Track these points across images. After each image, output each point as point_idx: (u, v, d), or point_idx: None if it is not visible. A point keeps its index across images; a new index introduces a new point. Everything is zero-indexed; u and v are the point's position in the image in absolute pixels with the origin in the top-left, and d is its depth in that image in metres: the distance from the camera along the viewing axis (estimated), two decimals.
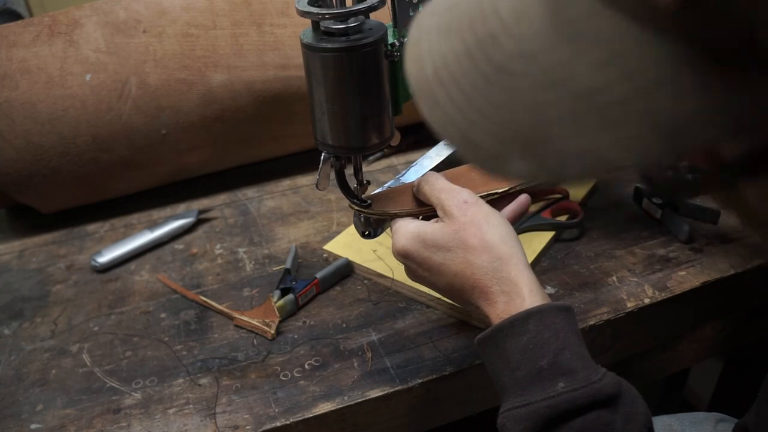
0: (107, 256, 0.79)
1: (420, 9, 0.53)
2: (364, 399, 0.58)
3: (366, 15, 0.50)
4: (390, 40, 0.51)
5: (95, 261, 0.78)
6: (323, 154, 0.55)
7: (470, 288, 0.49)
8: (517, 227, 0.73)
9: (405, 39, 0.52)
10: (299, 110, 0.88)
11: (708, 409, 0.74)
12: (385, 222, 0.59)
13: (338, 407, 0.58)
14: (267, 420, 0.57)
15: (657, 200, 0.79)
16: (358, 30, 0.49)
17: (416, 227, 0.52)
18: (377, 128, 0.53)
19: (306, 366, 0.62)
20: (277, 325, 0.66)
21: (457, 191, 0.52)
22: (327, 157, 0.54)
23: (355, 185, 0.57)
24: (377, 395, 0.58)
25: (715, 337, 0.79)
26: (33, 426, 0.58)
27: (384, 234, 0.60)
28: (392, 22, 0.52)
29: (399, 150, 0.99)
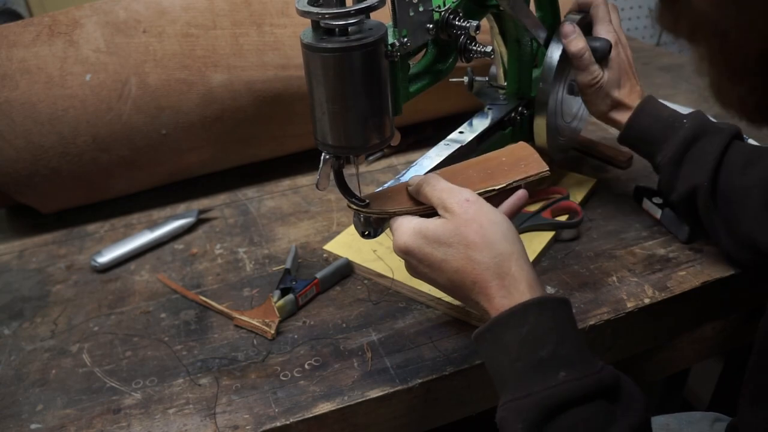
0: (107, 256, 0.79)
1: (420, 9, 0.53)
2: (364, 399, 0.58)
3: (366, 15, 0.50)
4: (390, 40, 0.51)
5: (95, 261, 0.78)
6: (323, 154, 0.55)
7: (471, 283, 0.50)
8: (518, 227, 0.73)
9: (405, 38, 0.52)
10: (299, 110, 0.89)
11: (708, 409, 0.74)
12: (385, 222, 0.59)
13: (338, 407, 0.58)
14: (267, 420, 0.57)
15: (657, 200, 0.79)
16: (358, 30, 0.49)
17: (418, 223, 0.52)
18: (377, 128, 0.53)
19: (306, 366, 0.62)
20: (277, 325, 0.66)
21: (459, 191, 0.52)
22: (327, 158, 0.55)
23: (353, 173, 0.57)
24: (377, 395, 0.58)
25: (715, 337, 0.79)
26: (33, 426, 0.58)
27: (384, 234, 0.60)
28: (392, 22, 0.52)
29: (399, 150, 0.99)
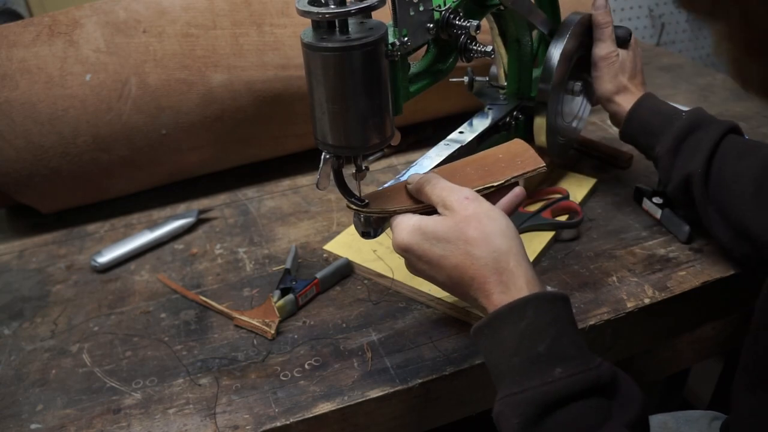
0: (107, 256, 0.79)
1: (420, 8, 0.53)
2: (364, 399, 0.58)
3: (366, 15, 0.50)
4: (390, 40, 0.51)
5: (95, 261, 0.78)
6: (323, 154, 0.55)
7: (469, 279, 0.50)
8: (518, 227, 0.73)
9: (405, 38, 0.52)
10: (299, 110, 0.89)
11: (708, 409, 0.74)
12: (385, 221, 0.59)
13: (338, 407, 0.57)
14: (267, 420, 0.57)
15: (657, 200, 0.79)
16: (359, 29, 0.49)
17: (417, 220, 0.53)
18: (377, 128, 0.53)
19: (306, 366, 0.62)
20: (277, 325, 0.66)
21: (459, 189, 0.53)
22: (327, 157, 0.54)
23: (354, 170, 0.57)
24: (377, 395, 0.58)
25: (715, 337, 0.79)
26: (33, 426, 0.58)
27: (384, 234, 0.60)
28: (392, 22, 0.52)
29: (399, 150, 0.99)
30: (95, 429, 0.57)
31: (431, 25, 0.55)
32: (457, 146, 0.68)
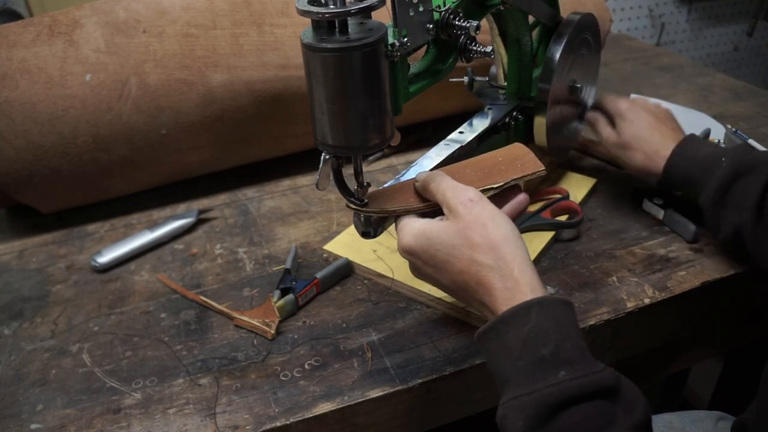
0: (107, 256, 0.79)
1: (420, 9, 0.53)
2: (364, 399, 0.58)
3: (366, 15, 0.50)
4: (390, 40, 0.51)
5: (95, 261, 0.78)
6: (323, 154, 0.55)
7: (474, 285, 0.50)
8: (518, 227, 0.74)
9: (405, 38, 0.52)
10: (299, 110, 0.89)
11: (708, 409, 0.74)
12: (385, 221, 0.59)
13: (338, 407, 0.58)
14: (267, 420, 0.57)
15: (658, 200, 0.79)
16: (358, 30, 0.49)
17: (422, 225, 0.53)
18: (377, 128, 0.53)
19: (306, 366, 0.62)
20: (277, 325, 0.66)
21: (463, 189, 0.52)
22: (327, 157, 0.54)
23: (356, 187, 0.57)
24: (377, 395, 0.58)
25: (715, 337, 0.79)
26: (33, 426, 0.58)
27: (384, 234, 0.60)
28: (392, 22, 0.52)
29: (399, 150, 0.99)
30: (95, 429, 0.57)
31: (431, 26, 0.55)
32: (457, 146, 0.68)
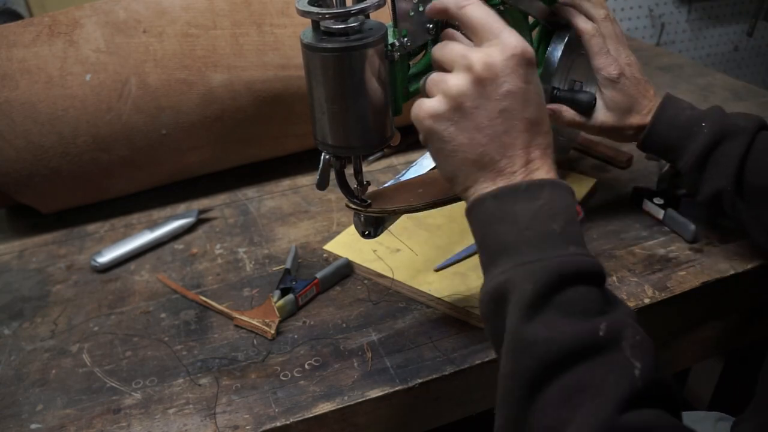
0: (107, 256, 0.79)
1: (420, 9, 0.53)
2: (364, 399, 0.58)
3: (366, 15, 0.50)
4: (390, 40, 0.51)
5: (95, 261, 0.78)
6: (323, 154, 0.55)
7: (520, 133, 0.47)
8: None
9: (405, 38, 0.52)
10: (299, 110, 0.89)
11: (708, 409, 0.74)
12: (386, 221, 0.59)
13: (338, 407, 0.58)
14: (267, 420, 0.57)
15: (658, 200, 0.79)
16: (358, 30, 0.49)
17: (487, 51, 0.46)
18: (377, 128, 0.53)
19: (306, 366, 0.62)
20: (277, 325, 0.66)
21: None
22: (327, 157, 0.55)
23: (356, 186, 0.57)
24: (377, 395, 0.58)
25: (715, 337, 0.79)
26: (33, 426, 0.58)
27: (384, 234, 0.60)
28: (392, 22, 0.52)
29: (399, 150, 0.99)
30: (95, 429, 0.57)
31: (431, 26, 0.55)
32: None
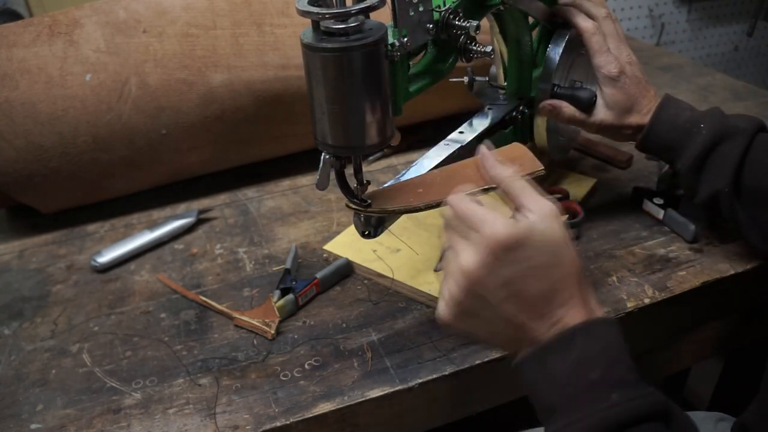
0: (107, 256, 0.79)
1: (420, 9, 0.53)
2: (364, 399, 0.58)
3: (366, 15, 0.50)
4: (390, 40, 0.51)
5: (95, 261, 0.78)
6: (323, 154, 0.55)
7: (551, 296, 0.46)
8: None
9: (405, 38, 0.52)
10: (299, 110, 0.89)
11: (708, 409, 0.74)
12: (385, 221, 0.59)
13: (338, 407, 0.58)
14: (267, 420, 0.57)
15: (658, 201, 0.79)
16: (358, 30, 0.49)
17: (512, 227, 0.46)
18: (377, 128, 0.53)
19: (306, 366, 0.62)
20: (277, 325, 0.66)
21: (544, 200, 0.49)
22: (327, 157, 0.54)
23: (356, 185, 0.57)
24: (377, 395, 0.58)
25: (715, 337, 0.79)
26: (33, 426, 0.58)
27: (384, 234, 0.60)
28: (392, 22, 0.52)
29: (399, 150, 0.99)
30: (95, 429, 0.57)
31: (431, 26, 0.55)
32: (457, 146, 0.68)
